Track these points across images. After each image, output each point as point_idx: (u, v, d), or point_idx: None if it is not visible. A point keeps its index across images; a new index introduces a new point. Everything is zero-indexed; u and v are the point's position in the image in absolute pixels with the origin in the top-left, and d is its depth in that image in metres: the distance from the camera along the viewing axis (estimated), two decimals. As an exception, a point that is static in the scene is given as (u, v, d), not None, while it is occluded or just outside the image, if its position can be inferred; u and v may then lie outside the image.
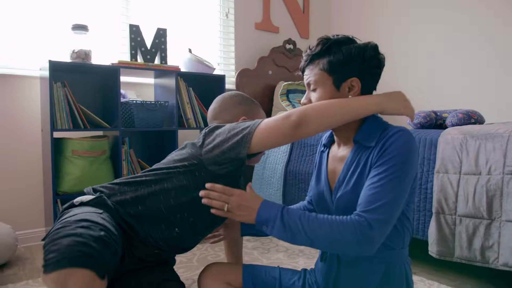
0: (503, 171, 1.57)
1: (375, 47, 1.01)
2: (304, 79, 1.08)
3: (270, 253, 2.15)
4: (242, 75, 3.07)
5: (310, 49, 1.05)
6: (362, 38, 1.06)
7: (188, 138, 2.88)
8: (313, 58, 1.04)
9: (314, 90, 1.05)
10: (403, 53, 3.08)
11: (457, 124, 2.01)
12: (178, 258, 2.10)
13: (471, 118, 2.00)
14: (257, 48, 3.31)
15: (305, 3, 3.61)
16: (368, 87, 1.03)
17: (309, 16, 3.65)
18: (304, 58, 1.06)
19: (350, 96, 1.01)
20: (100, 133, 2.37)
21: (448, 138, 1.76)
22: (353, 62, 0.99)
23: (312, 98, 1.06)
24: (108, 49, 2.60)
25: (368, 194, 0.91)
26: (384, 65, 1.04)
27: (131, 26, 2.36)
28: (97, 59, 2.41)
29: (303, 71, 1.09)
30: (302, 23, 3.59)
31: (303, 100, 1.09)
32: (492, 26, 2.64)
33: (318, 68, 1.02)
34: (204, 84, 2.73)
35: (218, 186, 1.00)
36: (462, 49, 2.80)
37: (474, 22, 2.74)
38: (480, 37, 2.71)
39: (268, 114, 3.18)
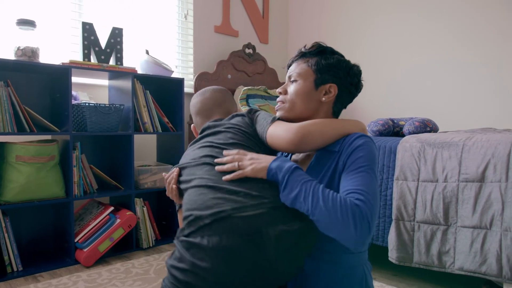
0: (459, 178, 1.62)
1: (360, 71, 1.10)
2: (288, 72, 1.12)
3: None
4: (201, 79, 3.00)
5: (304, 48, 1.10)
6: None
7: (145, 143, 2.76)
8: (304, 55, 1.09)
9: (294, 81, 1.09)
10: (359, 60, 3.15)
11: (414, 132, 2.07)
12: (134, 269, 2.00)
13: (427, 127, 2.07)
14: (216, 52, 3.25)
15: (265, 8, 3.61)
16: (341, 101, 1.08)
17: (269, 21, 3.65)
18: (296, 54, 1.12)
19: (323, 99, 1.05)
20: (48, 137, 2.21)
21: (407, 146, 1.80)
22: (339, 71, 1.05)
23: (289, 89, 1.09)
24: (59, 48, 2.44)
25: (355, 187, 0.88)
26: (360, 91, 1.11)
27: (84, 24, 2.22)
28: (46, 58, 2.25)
29: (289, 65, 1.13)
30: (261, 28, 3.58)
31: (278, 89, 1.12)
32: (446, 34, 2.77)
33: (306, 64, 1.08)
34: (162, 87, 2.63)
35: (233, 151, 0.99)
36: (419, 56, 2.92)
37: (429, 30, 2.85)
38: (435, 45, 2.83)
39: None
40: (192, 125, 1.27)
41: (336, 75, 1.05)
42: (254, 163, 0.94)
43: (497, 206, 1.51)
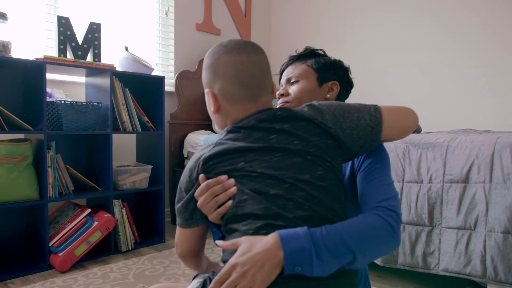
0: (443, 179, 1.62)
1: (350, 71, 1.14)
2: (283, 76, 1.11)
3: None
4: (182, 77, 2.94)
5: (296, 52, 1.12)
6: (302, 44, 1.12)
7: (123, 142, 2.68)
8: (299, 58, 1.10)
9: (295, 82, 1.07)
10: (341, 58, 3.15)
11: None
12: (112, 274, 1.92)
13: (410, 127, 2.07)
14: (197, 50, 3.19)
15: (247, 6, 3.57)
16: (340, 99, 1.10)
17: (251, 20, 3.61)
18: (289, 58, 1.12)
19: (328, 96, 1.07)
20: (21, 136, 2.11)
21: (391, 147, 1.79)
22: (338, 70, 1.09)
23: (291, 90, 1.07)
24: (33, 42, 2.33)
25: (377, 188, 0.82)
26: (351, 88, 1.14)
27: (59, 18, 2.12)
28: (18, 53, 2.14)
29: (282, 71, 1.12)
30: (244, 26, 3.54)
31: (280, 92, 1.09)
32: (428, 35, 2.79)
33: (305, 65, 1.08)
34: (142, 85, 2.55)
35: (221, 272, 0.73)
36: (401, 57, 2.93)
37: (411, 30, 2.87)
38: (416, 46, 2.85)
39: (209, 119, 3.07)
40: (207, 90, 0.88)
41: (335, 73, 1.08)
42: (258, 270, 0.69)
43: (481, 207, 1.51)
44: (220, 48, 0.87)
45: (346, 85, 1.11)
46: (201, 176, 0.81)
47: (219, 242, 0.77)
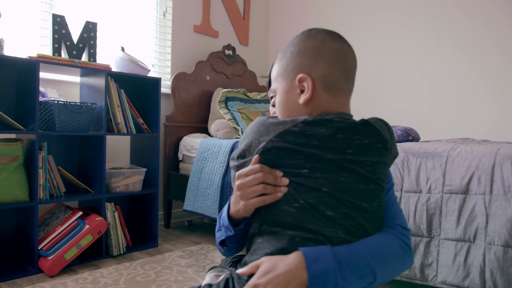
0: (443, 189, 1.60)
1: None
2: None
3: (206, 271, 2.00)
4: (179, 79, 2.90)
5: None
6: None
7: (117, 144, 2.63)
8: None
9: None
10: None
11: (396, 141, 2.05)
12: (103, 279, 1.88)
13: (409, 135, 2.05)
14: (195, 52, 3.16)
15: (246, 9, 3.54)
16: None
17: (250, 23, 3.58)
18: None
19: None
20: (12, 136, 2.05)
21: (390, 155, 1.77)
22: None
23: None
24: (26, 40, 2.28)
25: (389, 207, 0.83)
26: None
27: (54, 16, 2.08)
28: (11, 51, 2.09)
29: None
30: (242, 29, 3.51)
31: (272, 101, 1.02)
32: (427, 41, 2.78)
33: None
34: (137, 87, 2.51)
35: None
36: (400, 63, 2.92)
37: (411, 36, 2.86)
38: (416, 52, 2.84)
39: (205, 122, 3.04)
40: (303, 75, 0.78)
41: None
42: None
43: (481, 219, 1.49)
44: (320, 33, 0.80)
45: None
46: (256, 156, 0.75)
47: (240, 270, 0.73)
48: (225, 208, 0.87)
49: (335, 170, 0.73)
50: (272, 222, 0.74)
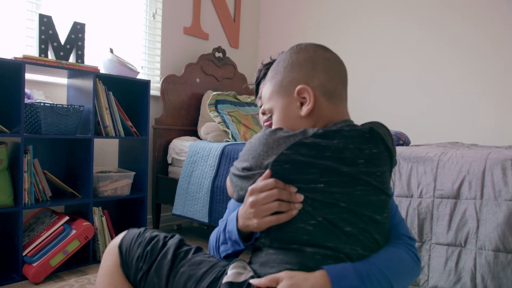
0: (434, 194, 1.60)
1: None
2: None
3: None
4: (168, 81, 2.86)
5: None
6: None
7: (105, 148, 2.59)
8: None
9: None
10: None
11: (387, 145, 2.05)
12: (90, 286, 1.83)
13: (400, 140, 2.06)
14: (184, 54, 3.13)
15: (236, 12, 3.53)
16: None
17: (240, 26, 3.57)
18: None
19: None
20: (-4, 138, 2.00)
21: (382, 160, 1.76)
22: None
23: None
24: (12, 41, 2.23)
25: (393, 216, 0.86)
26: None
27: (41, 16, 2.03)
28: (-4, 51, 2.04)
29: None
30: (232, 32, 3.49)
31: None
32: (418, 45, 2.80)
33: None
34: (126, 89, 2.47)
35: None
36: (390, 67, 2.93)
37: (401, 40, 2.88)
38: (407, 56, 2.85)
39: (195, 124, 3.01)
40: (303, 86, 0.77)
41: None
42: None
43: (472, 224, 1.49)
44: (309, 45, 0.82)
45: None
46: (268, 171, 0.72)
47: (255, 281, 0.70)
48: (231, 220, 0.82)
49: (351, 183, 0.71)
50: (286, 240, 0.72)
